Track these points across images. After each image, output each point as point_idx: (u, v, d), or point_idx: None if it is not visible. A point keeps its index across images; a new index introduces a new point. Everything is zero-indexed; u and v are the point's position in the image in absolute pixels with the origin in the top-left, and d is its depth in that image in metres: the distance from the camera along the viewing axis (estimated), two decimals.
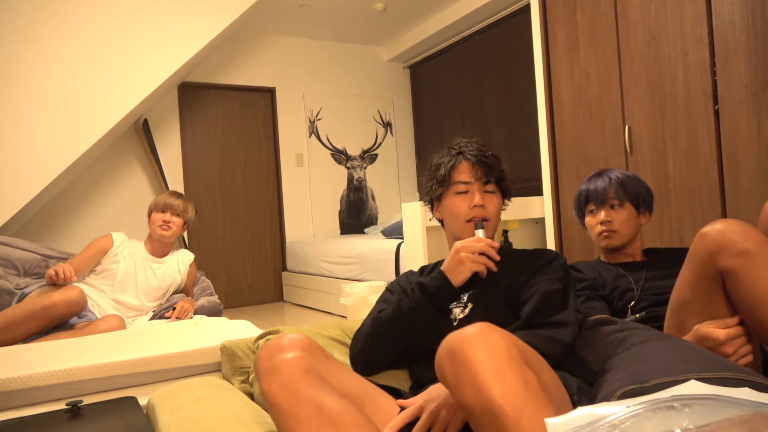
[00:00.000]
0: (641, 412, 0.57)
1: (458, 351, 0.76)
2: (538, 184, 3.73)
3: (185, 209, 2.59)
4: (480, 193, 1.30)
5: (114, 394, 1.58)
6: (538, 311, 1.14)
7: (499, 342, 0.77)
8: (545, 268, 1.24)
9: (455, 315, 1.25)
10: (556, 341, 1.08)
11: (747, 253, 1.06)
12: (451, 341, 0.79)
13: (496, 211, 1.32)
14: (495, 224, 1.32)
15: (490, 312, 1.21)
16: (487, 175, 1.31)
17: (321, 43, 5.42)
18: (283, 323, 4.05)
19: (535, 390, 0.74)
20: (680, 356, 1.00)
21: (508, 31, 4.54)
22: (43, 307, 2.09)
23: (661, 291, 1.46)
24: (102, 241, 2.52)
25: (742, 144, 2.24)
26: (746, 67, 2.21)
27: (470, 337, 0.77)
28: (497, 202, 1.33)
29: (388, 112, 5.78)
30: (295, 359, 0.97)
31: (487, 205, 1.30)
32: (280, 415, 0.92)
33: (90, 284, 2.47)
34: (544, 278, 1.20)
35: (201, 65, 4.73)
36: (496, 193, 1.33)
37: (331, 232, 5.41)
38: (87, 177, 4.32)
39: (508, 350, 0.76)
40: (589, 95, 2.85)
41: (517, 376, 0.73)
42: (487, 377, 0.73)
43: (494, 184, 1.33)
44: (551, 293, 1.16)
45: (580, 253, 2.92)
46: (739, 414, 0.55)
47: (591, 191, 1.65)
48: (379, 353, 1.28)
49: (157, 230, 2.53)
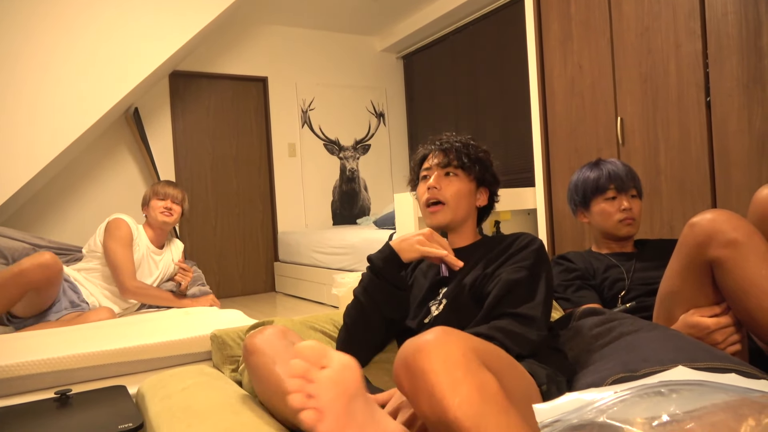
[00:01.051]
0: (629, 398, 0.57)
1: (412, 362, 0.73)
2: (530, 176, 3.73)
3: (183, 198, 2.59)
4: (438, 177, 1.32)
5: (104, 383, 1.58)
6: (501, 301, 1.10)
7: (455, 349, 0.74)
8: (514, 256, 1.20)
9: (432, 313, 1.24)
10: (520, 339, 1.04)
11: (736, 243, 1.07)
12: (406, 351, 0.76)
13: (455, 193, 1.31)
14: (456, 208, 1.31)
15: (457, 307, 1.19)
16: (447, 158, 1.32)
17: (314, 32, 5.39)
18: (274, 314, 4.05)
19: (494, 396, 0.71)
20: (671, 346, 1.01)
21: (502, 22, 4.52)
22: (13, 274, 2.04)
23: (651, 281, 1.47)
24: (128, 232, 2.43)
25: (733, 136, 2.25)
26: (738, 59, 2.22)
27: (424, 347, 0.74)
28: (458, 184, 1.31)
29: (381, 103, 5.76)
30: (277, 328, 1.13)
31: (444, 187, 1.31)
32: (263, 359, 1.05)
33: (82, 271, 2.46)
34: (510, 267, 1.16)
35: (192, 54, 4.69)
36: (459, 176, 1.32)
37: (324, 222, 5.40)
38: (77, 166, 4.28)
39: (464, 357, 0.73)
40: (581, 87, 2.85)
41: (473, 385, 0.71)
42: (442, 388, 0.70)
43: (456, 167, 1.32)
44: (514, 282, 1.12)
45: (571, 244, 2.93)
46: (725, 399, 0.56)
47: (614, 176, 1.61)
48: (357, 342, 1.28)
49: (159, 216, 2.50)
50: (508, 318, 1.08)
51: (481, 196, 1.37)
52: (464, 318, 1.17)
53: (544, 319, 1.11)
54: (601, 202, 1.63)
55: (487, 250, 1.27)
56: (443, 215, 1.31)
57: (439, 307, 1.23)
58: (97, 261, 2.47)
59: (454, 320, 1.18)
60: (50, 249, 2.57)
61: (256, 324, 1.53)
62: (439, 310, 1.22)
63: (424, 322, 1.24)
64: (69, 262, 2.59)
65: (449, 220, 1.31)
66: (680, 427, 0.53)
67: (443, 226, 1.33)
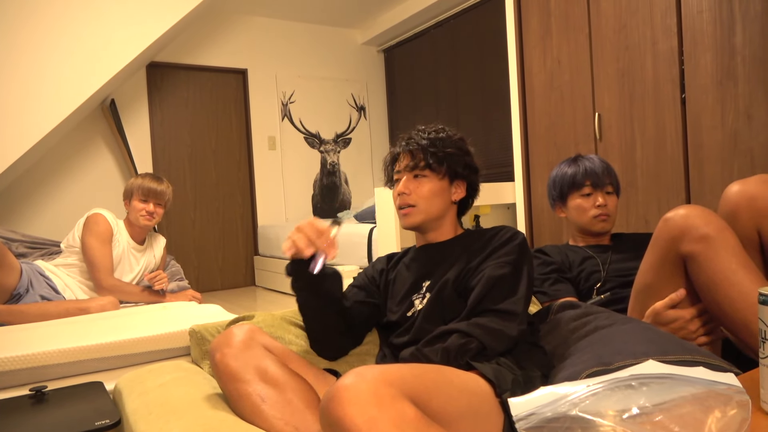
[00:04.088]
0: (600, 391, 0.58)
1: (328, 412, 0.75)
2: (509, 170, 3.76)
3: (168, 198, 2.52)
4: (407, 180, 1.31)
5: (80, 379, 1.56)
6: (484, 298, 1.12)
7: (366, 388, 0.75)
8: (498, 250, 1.20)
9: (416, 307, 1.25)
10: (500, 335, 1.07)
11: (707, 238, 1.09)
12: (323, 402, 0.77)
13: (425, 194, 1.29)
14: (428, 208, 1.30)
15: (441, 301, 1.20)
16: (414, 161, 1.30)
17: (294, 24, 5.34)
18: (254, 308, 4.03)
19: (412, 422, 0.74)
20: (643, 338, 1.03)
21: (483, 17, 4.54)
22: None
23: (626, 273, 1.50)
24: (107, 227, 2.39)
25: (707, 132, 2.30)
26: (712, 56, 2.26)
27: (335, 394, 0.75)
28: (428, 185, 1.29)
29: (362, 96, 5.74)
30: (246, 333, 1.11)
31: (413, 191, 1.29)
32: (228, 378, 1.04)
33: (61, 267, 2.41)
34: (493, 262, 1.17)
35: (170, 45, 4.62)
36: (429, 176, 1.30)
37: (304, 216, 5.38)
38: (51, 158, 4.19)
39: (375, 394, 0.74)
40: (560, 82, 2.88)
41: (388, 419, 0.72)
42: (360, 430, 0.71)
43: (424, 168, 1.30)
44: (498, 278, 1.13)
45: (549, 238, 2.96)
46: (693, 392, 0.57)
47: (590, 172, 1.63)
48: (322, 342, 1.31)
49: (140, 220, 2.45)
50: (490, 314, 1.10)
51: (457, 190, 1.34)
52: (447, 311, 1.18)
53: (524, 312, 1.13)
54: (577, 198, 1.66)
55: (469, 243, 1.27)
56: (414, 217, 1.30)
57: (423, 301, 1.23)
58: (76, 257, 2.43)
59: (437, 314, 1.19)
60: (23, 243, 2.53)
61: (236, 319, 1.52)
62: (423, 304, 1.23)
63: (407, 315, 1.25)
64: (44, 256, 2.54)
65: (421, 221, 1.31)
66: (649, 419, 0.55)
67: (417, 227, 1.33)
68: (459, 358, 1.03)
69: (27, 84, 3.05)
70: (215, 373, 1.07)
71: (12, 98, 3.01)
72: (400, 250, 1.47)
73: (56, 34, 3.12)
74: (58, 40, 3.13)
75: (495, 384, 0.96)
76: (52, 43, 3.11)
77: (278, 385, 1.03)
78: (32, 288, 2.24)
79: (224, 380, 1.05)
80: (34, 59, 3.07)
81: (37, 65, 3.07)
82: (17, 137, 3.05)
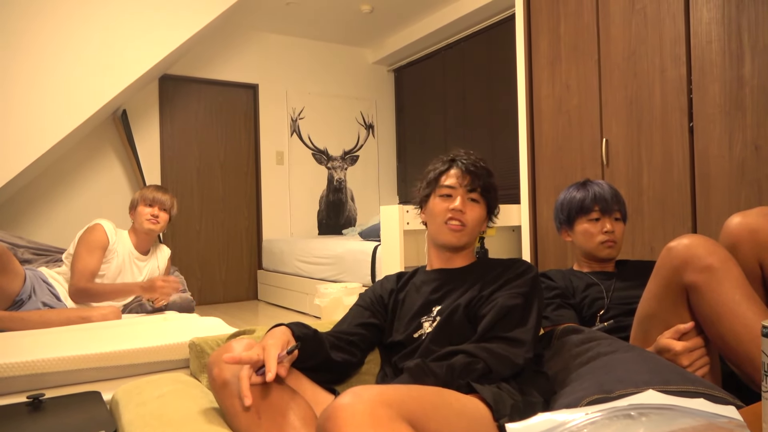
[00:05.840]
0: (599, 420, 0.58)
1: None
2: (515, 192, 3.76)
3: (172, 205, 2.53)
4: (463, 198, 1.31)
5: (78, 388, 1.55)
6: (494, 326, 1.13)
7: (362, 409, 0.75)
8: (512, 281, 1.23)
9: (424, 329, 1.25)
10: (506, 361, 1.08)
11: (711, 268, 1.09)
12: (320, 420, 0.77)
13: (476, 219, 1.32)
14: (472, 232, 1.33)
15: (450, 326, 1.21)
16: (473, 184, 1.32)
17: (306, 41, 5.41)
18: (256, 322, 4.02)
19: None
20: (645, 368, 1.02)
21: (493, 40, 4.58)
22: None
23: (630, 300, 1.49)
24: (99, 237, 2.38)
25: (714, 161, 2.30)
26: (720, 86, 2.27)
27: (332, 414, 0.75)
28: (479, 211, 1.33)
29: (370, 114, 5.78)
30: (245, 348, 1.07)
31: (468, 212, 1.31)
32: (226, 393, 1.02)
33: (62, 273, 2.42)
34: (506, 293, 1.19)
35: (183, 58, 4.68)
36: (480, 203, 1.34)
37: (309, 231, 5.39)
38: (61, 165, 4.23)
39: (372, 415, 0.74)
40: (568, 106, 2.89)
41: None
42: None
43: (479, 194, 1.33)
44: (510, 308, 1.15)
45: (554, 262, 2.95)
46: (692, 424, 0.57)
47: (599, 197, 1.63)
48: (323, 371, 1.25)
49: (145, 224, 2.46)
50: (499, 341, 1.11)
51: (485, 223, 1.39)
52: (455, 336, 1.19)
53: (532, 342, 1.14)
54: (584, 223, 1.65)
55: (483, 272, 1.29)
56: (462, 237, 1.32)
57: (432, 324, 1.24)
58: None
59: (445, 338, 1.20)
60: (29, 249, 2.54)
61: (236, 333, 1.52)
62: (432, 327, 1.24)
63: (414, 336, 1.25)
64: (49, 263, 2.55)
65: (464, 243, 1.33)
66: None
67: (460, 247, 1.34)
68: (463, 377, 1.03)
69: (40, 91, 3.10)
70: (212, 386, 1.07)
71: (25, 105, 3.06)
72: (404, 269, 1.47)
73: (73, 43, 3.18)
74: (73, 49, 3.18)
75: (493, 408, 0.95)
76: (68, 52, 3.16)
77: (275, 402, 1.03)
78: (35, 294, 2.25)
79: (221, 395, 1.05)
80: (49, 67, 3.11)
81: (50, 73, 3.12)
82: (29, 144, 3.09)
